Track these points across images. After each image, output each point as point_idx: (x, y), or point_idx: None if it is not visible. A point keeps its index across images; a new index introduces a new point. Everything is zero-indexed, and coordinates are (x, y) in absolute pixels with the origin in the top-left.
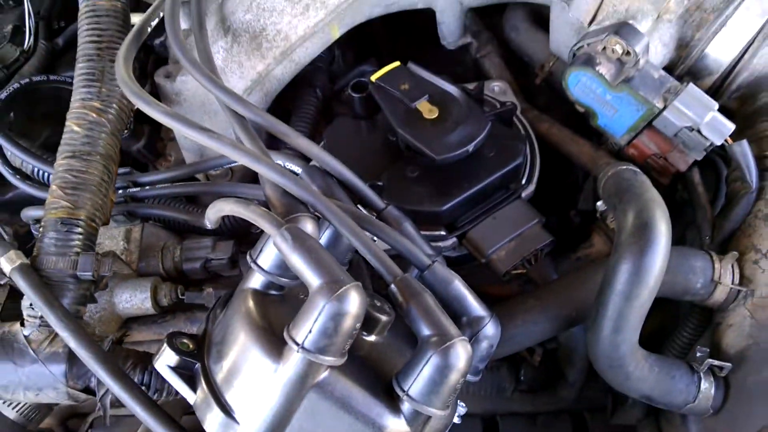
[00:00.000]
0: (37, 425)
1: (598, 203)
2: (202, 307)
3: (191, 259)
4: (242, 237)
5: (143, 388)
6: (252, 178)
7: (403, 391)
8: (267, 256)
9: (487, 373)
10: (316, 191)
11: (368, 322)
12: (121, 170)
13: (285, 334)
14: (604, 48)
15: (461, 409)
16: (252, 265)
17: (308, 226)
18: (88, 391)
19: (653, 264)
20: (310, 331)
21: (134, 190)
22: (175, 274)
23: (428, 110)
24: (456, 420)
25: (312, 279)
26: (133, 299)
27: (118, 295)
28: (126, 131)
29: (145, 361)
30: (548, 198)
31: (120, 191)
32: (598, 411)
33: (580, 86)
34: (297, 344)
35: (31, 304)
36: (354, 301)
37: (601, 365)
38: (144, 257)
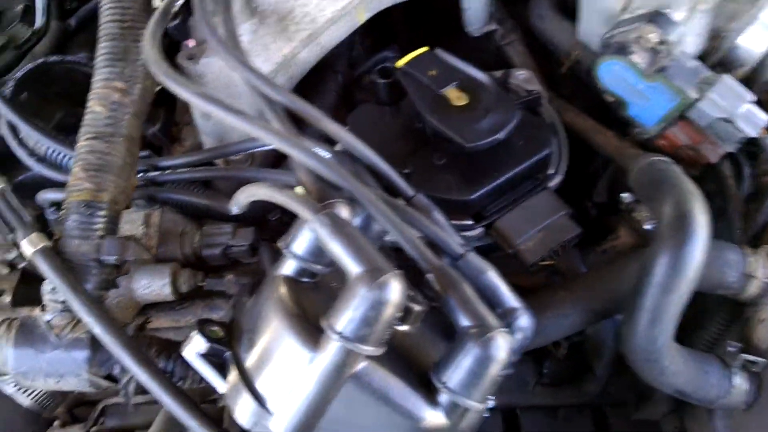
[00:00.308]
0: (52, 413)
1: (624, 195)
2: (220, 294)
3: (211, 245)
4: (260, 224)
5: (168, 375)
6: (272, 164)
7: (442, 382)
8: (301, 242)
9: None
10: (351, 177)
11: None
12: (141, 153)
13: (323, 322)
14: (639, 37)
15: (491, 402)
16: (285, 251)
17: (343, 211)
18: (110, 378)
19: (693, 256)
20: (350, 320)
21: (154, 173)
22: (194, 260)
23: (457, 97)
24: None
25: (352, 266)
26: (152, 285)
27: (136, 281)
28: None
29: (168, 348)
30: (566, 189)
31: (140, 174)
32: (619, 406)
33: (611, 75)
34: (336, 332)
35: (53, 288)
36: (395, 290)
37: (636, 359)
38: (163, 242)
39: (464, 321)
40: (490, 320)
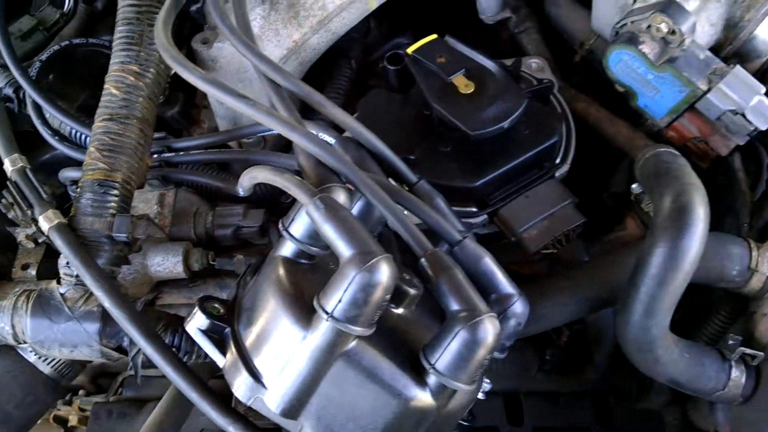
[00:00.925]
0: (70, 381)
1: (633, 186)
2: (232, 274)
3: (223, 226)
4: (272, 206)
5: (174, 350)
6: (285, 148)
7: (430, 364)
8: (299, 224)
9: (513, 352)
10: (349, 162)
11: (397, 295)
12: (156, 135)
13: (315, 303)
14: (649, 26)
15: (486, 385)
16: (284, 233)
17: (341, 196)
18: (120, 350)
19: (689, 249)
20: (340, 301)
21: (169, 155)
22: (206, 240)
23: (464, 85)
24: (480, 396)
25: (343, 249)
26: (166, 263)
27: (150, 258)
28: (161, 97)
29: (176, 323)
30: (581, 179)
31: (155, 155)
32: (622, 395)
33: (621, 65)
34: (326, 313)
35: (67, 263)
36: (384, 273)
37: (630, 348)
38: (176, 222)
39: (454, 305)
40: (479, 305)
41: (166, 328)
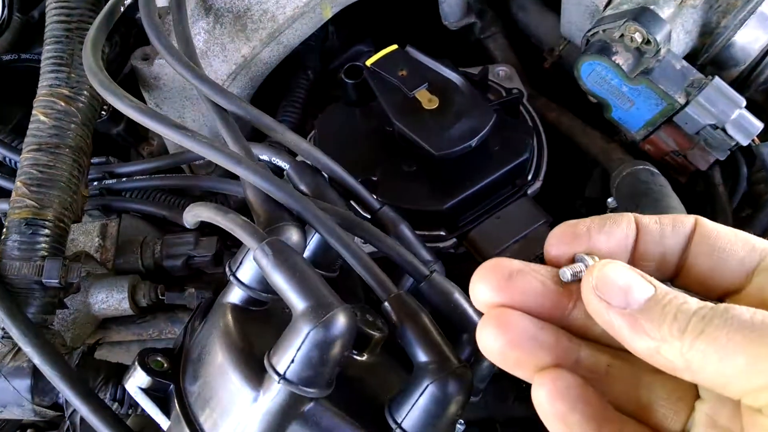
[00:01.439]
0: None
1: (609, 200)
2: (184, 307)
3: (172, 256)
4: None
5: (116, 403)
6: None
7: (397, 423)
8: (247, 269)
9: (488, 383)
10: (300, 197)
11: (360, 340)
12: (96, 160)
13: (266, 362)
14: (622, 35)
15: (459, 426)
16: (231, 278)
17: (293, 236)
18: (56, 408)
19: None
20: (293, 361)
21: (110, 182)
22: (155, 271)
23: (428, 100)
24: None
25: (295, 301)
26: (110, 300)
27: (93, 296)
28: (104, 113)
29: (119, 374)
30: (554, 185)
31: (95, 183)
32: None
33: (593, 76)
34: (278, 375)
35: None
36: (342, 327)
37: None
38: (122, 253)
39: (421, 355)
40: (449, 355)
41: (107, 380)
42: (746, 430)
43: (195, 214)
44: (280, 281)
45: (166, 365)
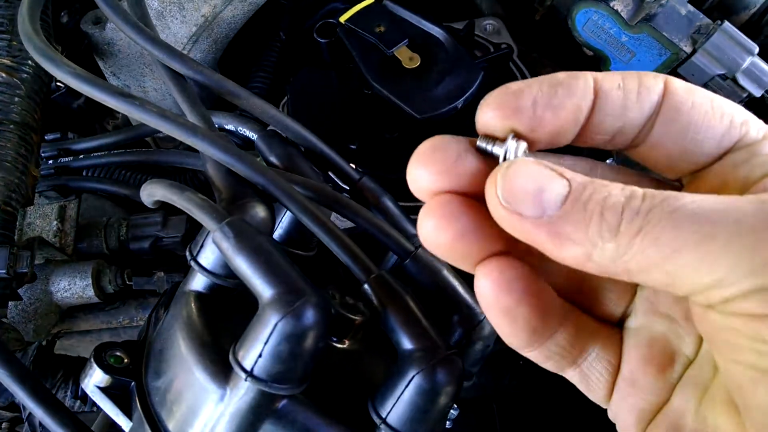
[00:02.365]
0: None
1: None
2: (154, 292)
3: (139, 238)
4: None
5: (78, 402)
6: None
7: (381, 418)
8: (208, 253)
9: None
10: (266, 169)
11: (339, 325)
12: (50, 136)
13: (231, 357)
14: None
15: (453, 412)
16: (192, 264)
17: (259, 213)
18: (13, 408)
19: None
20: (260, 356)
21: (66, 159)
22: (121, 255)
23: (408, 58)
24: (447, 425)
25: (261, 288)
26: (73, 287)
27: (54, 284)
28: (63, 85)
29: (79, 369)
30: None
31: (50, 161)
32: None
33: (589, 25)
34: (245, 371)
35: None
36: (314, 316)
37: None
38: (85, 236)
39: (406, 342)
40: (437, 341)
41: (67, 377)
42: (698, 326)
43: (149, 193)
44: (243, 266)
45: (126, 360)
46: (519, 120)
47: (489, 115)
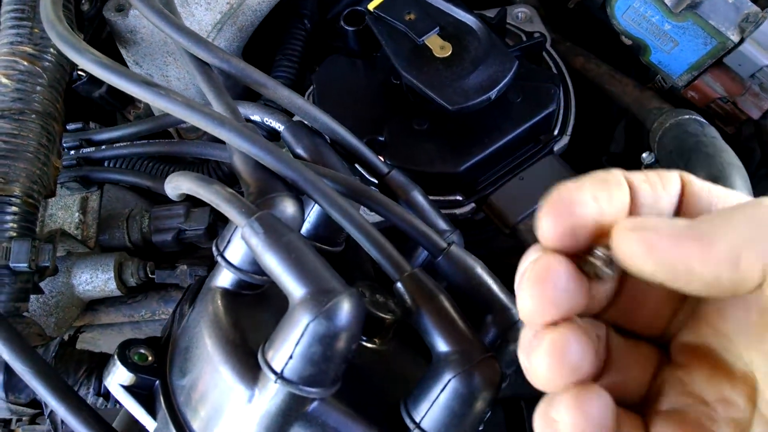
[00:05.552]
0: None
1: (644, 155)
2: (178, 286)
3: (162, 230)
4: None
5: (101, 399)
6: None
7: (415, 422)
8: (236, 248)
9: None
10: (295, 162)
11: (370, 324)
12: (72, 126)
13: (260, 357)
14: None
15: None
16: (219, 259)
17: (288, 208)
18: (34, 405)
19: None
20: (291, 357)
21: (88, 150)
22: (144, 247)
23: (439, 47)
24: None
25: (292, 287)
26: (95, 280)
27: (76, 277)
28: (84, 74)
29: (103, 365)
30: (578, 141)
31: (72, 152)
32: None
33: (630, 13)
34: (275, 373)
35: None
36: (348, 316)
37: None
38: (107, 228)
39: (441, 345)
40: (474, 344)
41: (90, 373)
42: None
43: (175, 186)
44: (273, 263)
45: (150, 358)
46: (582, 215)
47: (550, 216)
